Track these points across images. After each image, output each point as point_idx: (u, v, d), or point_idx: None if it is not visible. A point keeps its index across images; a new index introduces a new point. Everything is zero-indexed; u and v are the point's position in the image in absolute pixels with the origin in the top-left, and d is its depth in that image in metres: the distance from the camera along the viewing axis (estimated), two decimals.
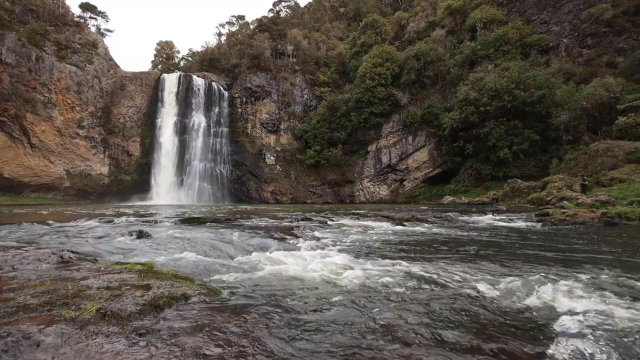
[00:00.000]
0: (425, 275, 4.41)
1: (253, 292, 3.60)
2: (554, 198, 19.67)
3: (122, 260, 5.18)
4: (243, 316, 2.83)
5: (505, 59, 39.99)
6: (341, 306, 3.18)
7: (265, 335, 2.47)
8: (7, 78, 41.38)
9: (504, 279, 4.31)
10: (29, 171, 44.58)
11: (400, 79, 47.21)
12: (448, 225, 12.10)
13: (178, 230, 9.17)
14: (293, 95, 55.89)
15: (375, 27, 56.46)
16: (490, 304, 3.30)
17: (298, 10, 78.70)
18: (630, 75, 30.72)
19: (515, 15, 44.58)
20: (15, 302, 2.61)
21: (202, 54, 68.14)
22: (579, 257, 5.92)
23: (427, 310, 3.09)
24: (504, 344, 2.46)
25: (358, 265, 5.12)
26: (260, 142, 54.10)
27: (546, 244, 7.54)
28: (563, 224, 11.31)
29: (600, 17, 35.40)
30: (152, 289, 3.10)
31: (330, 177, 51.06)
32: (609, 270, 4.80)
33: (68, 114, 46.27)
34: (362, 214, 15.41)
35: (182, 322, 2.56)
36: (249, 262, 5.26)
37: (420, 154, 46.01)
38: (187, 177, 50.89)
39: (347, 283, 4.05)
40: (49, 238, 7.41)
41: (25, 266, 3.93)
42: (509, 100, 35.30)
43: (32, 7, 46.51)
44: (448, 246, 7.29)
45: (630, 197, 15.80)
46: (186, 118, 52.56)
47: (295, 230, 8.93)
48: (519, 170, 34.45)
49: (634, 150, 23.49)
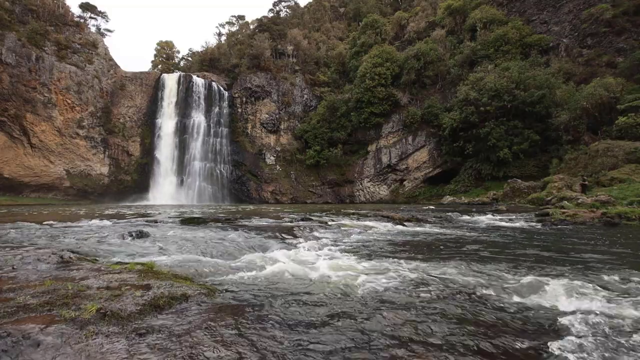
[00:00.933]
0: (425, 275, 4.41)
1: (253, 293, 3.60)
2: (554, 198, 19.68)
3: (122, 260, 5.18)
4: (243, 316, 2.83)
5: (505, 59, 39.98)
6: (341, 306, 3.18)
7: (265, 335, 2.47)
8: (7, 78, 41.39)
9: (505, 279, 4.31)
10: (29, 171, 44.58)
11: (400, 79, 47.21)
12: (448, 225, 12.10)
13: (178, 230, 9.17)
14: (293, 95, 55.89)
15: (375, 27, 56.48)
16: (491, 304, 3.30)
17: (298, 10, 78.69)
18: (630, 75, 30.72)
19: (515, 15, 44.58)
20: (16, 302, 2.61)
21: (202, 54, 68.16)
22: (579, 257, 5.92)
23: (427, 310, 3.09)
24: (505, 344, 2.46)
25: (358, 265, 5.13)
26: (260, 142, 54.10)
27: (546, 244, 7.54)
28: (563, 224, 11.31)
29: (600, 17, 35.40)
30: (152, 289, 3.10)
31: (330, 177, 51.06)
32: (610, 270, 4.80)
33: (68, 114, 46.28)
34: (362, 214, 15.40)
35: (182, 322, 2.56)
36: (249, 262, 5.26)
37: (420, 154, 46.01)
38: (187, 177, 50.88)
39: (347, 283, 4.05)
40: (49, 238, 7.41)
41: (26, 266, 3.93)
42: (509, 100, 35.29)
43: (32, 7, 46.51)
44: (448, 246, 7.29)
45: (630, 197, 15.81)
46: (186, 118, 52.55)
47: (295, 231, 8.92)
48: (519, 170, 34.45)
49: (634, 150, 23.48)
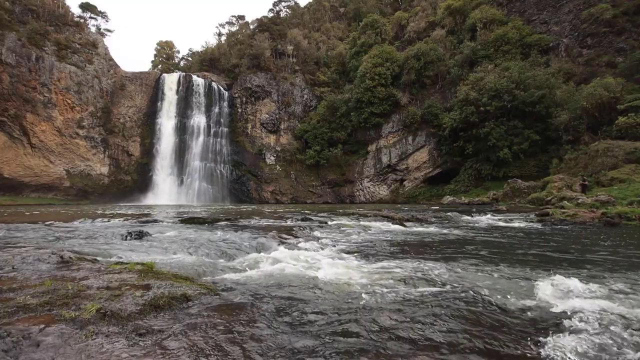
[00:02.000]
0: (425, 275, 4.41)
1: (253, 292, 3.59)
2: (554, 198, 19.69)
3: (122, 260, 5.17)
4: (243, 316, 2.83)
5: (505, 59, 40.00)
6: (341, 306, 3.18)
7: (265, 335, 2.47)
8: (7, 78, 41.40)
9: (505, 279, 4.31)
10: (29, 171, 44.59)
11: (400, 79, 47.22)
12: (448, 225, 12.10)
13: (178, 230, 9.17)
14: (293, 95, 55.89)
15: (375, 27, 56.50)
16: (491, 304, 3.30)
17: (298, 10, 78.65)
18: (630, 75, 30.72)
19: (515, 15, 44.59)
20: (15, 302, 2.60)
21: (202, 54, 68.20)
22: (579, 257, 5.92)
23: (427, 310, 3.09)
24: (505, 344, 2.46)
25: (358, 265, 5.13)
26: (260, 142, 54.11)
27: (546, 244, 7.53)
28: (563, 224, 11.32)
29: (600, 17, 35.40)
30: (152, 289, 3.09)
31: (330, 177, 51.06)
32: (610, 270, 4.80)
33: (68, 114, 46.28)
34: (362, 214, 15.40)
35: (182, 322, 2.56)
36: (249, 262, 5.26)
37: (420, 154, 46.02)
38: (187, 177, 50.89)
39: (347, 283, 4.05)
40: (49, 238, 7.41)
41: (26, 266, 3.93)
42: (509, 100, 35.30)
43: (32, 7, 46.51)
44: (448, 246, 7.29)
45: (630, 197, 15.82)
46: (186, 118, 52.55)
47: (295, 231, 8.92)
48: (519, 170, 34.46)
49: (634, 150, 23.48)
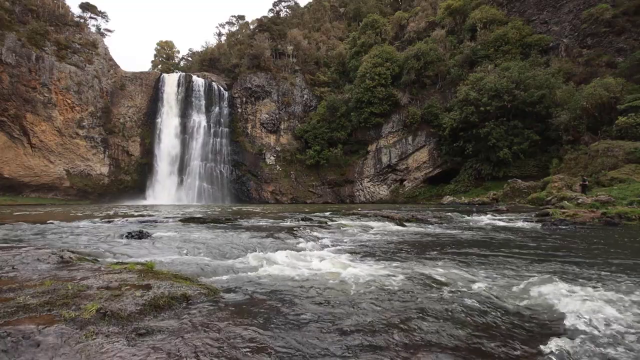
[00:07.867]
0: (425, 275, 4.41)
1: (253, 293, 3.60)
2: (554, 198, 19.69)
3: (122, 260, 5.18)
4: (243, 316, 2.83)
5: (505, 59, 39.99)
6: (341, 306, 3.18)
7: (265, 335, 2.47)
8: (7, 78, 41.38)
9: (504, 279, 4.31)
10: (29, 171, 44.58)
11: (400, 79, 47.21)
12: (448, 225, 12.10)
13: (178, 230, 9.17)
14: (293, 95, 55.89)
15: (375, 27, 56.49)
16: (491, 304, 3.30)
17: (298, 10, 78.68)
18: (630, 75, 30.70)
19: (515, 15, 44.57)
20: (15, 302, 2.61)
21: (202, 54, 68.24)
22: (579, 257, 5.92)
23: (427, 310, 3.09)
24: (505, 344, 2.46)
25: (358, 265, 5.13)
26: (260, 142, 54.10)
27: (546, 244, 7.54)
28: (563, 224, 11.31)
29: (600, 17, 35.38)
30: (152, 289, 3.09)
31: (330, 177, 51.06)
32: (610, 270, 4.80)
33: (68, 114, 46.27)
34: (362, 214, 15.40)
35: (182, 322, 2.56)
36: (249, 263, 5.26)
37: (420, 154, 46.01)
38: (187, 177, 50.89)
39: (347, 283, 4.05)
40: (49, 238, 7.41)
41: (26, 266, 3.93)
42: (509, 100, 35.29)
43: (32, 7, 46.50)
44: (448, 246, 7.29)
45: (630, 197, 15.82)
46: (186, 118, 52.56)
47: (295, 231, 8.92)
48: (519, 170, 34.46)
49: (634, 150, 23.48)
